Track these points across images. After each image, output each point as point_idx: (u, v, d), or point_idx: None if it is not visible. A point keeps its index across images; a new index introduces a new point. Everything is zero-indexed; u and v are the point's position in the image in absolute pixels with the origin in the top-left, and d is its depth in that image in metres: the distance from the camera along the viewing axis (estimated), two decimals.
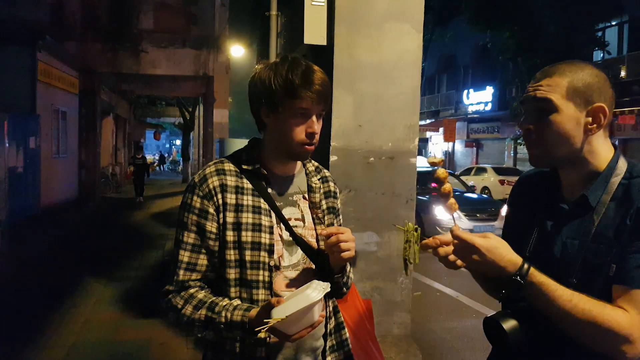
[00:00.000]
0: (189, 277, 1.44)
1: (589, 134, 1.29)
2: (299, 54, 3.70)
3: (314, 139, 1.45)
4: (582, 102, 1.27)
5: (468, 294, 6.58)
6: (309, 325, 1.28)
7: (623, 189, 1.27)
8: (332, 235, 1.41)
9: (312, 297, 1.24)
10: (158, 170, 35.04)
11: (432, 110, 32.18)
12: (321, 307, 1.30)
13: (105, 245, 9.14)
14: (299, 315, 1.23)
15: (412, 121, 3.47)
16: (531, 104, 1.31)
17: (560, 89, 1.27)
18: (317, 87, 1.40)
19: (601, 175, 1.31)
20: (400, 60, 3.41)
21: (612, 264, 1.22)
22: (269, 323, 1.22)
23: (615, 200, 1.27)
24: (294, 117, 1.42)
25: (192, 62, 15.11)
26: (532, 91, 1.31)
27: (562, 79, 1.27)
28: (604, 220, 1.26)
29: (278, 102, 1.42)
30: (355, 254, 3.51)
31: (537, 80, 1.32)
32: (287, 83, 1.39)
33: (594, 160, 1.32)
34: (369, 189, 3.42)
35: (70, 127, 14.33)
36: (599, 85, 1.29)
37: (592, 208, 1.29)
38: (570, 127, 1.27)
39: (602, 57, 19.97)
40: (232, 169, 1.49)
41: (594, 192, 1.30)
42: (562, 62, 1.33)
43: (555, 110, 1.27)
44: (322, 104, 1.44)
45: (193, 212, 1.44)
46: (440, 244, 1.32)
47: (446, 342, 5.03)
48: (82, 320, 5.24)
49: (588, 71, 1.29)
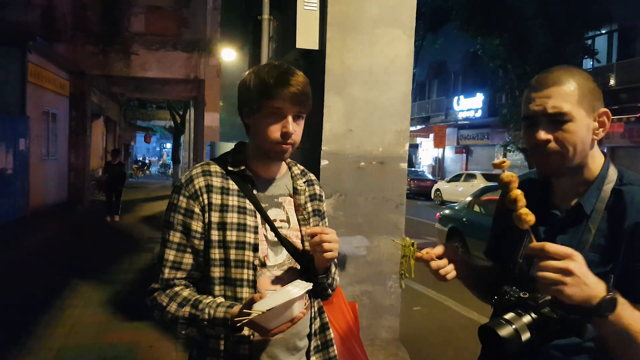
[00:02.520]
0: (174, 276, 1.47)
1: (595, 139, 1.31)
2: (290, 58, 3.72)
3: (289, 138, 1.48)
4: (589, 108, 1.28)
5: (455, 298, 6.61)
6: (288, 321, 1.31)
7: (615, 196, 1.29)
8: (316, 234, 1.44)
9: (292, 293, 1.28)
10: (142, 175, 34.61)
11: (423, 117, 32.36)
12: (302, 304, 1.33)
13: (94, 248, 9.08)
14: (279, 309, 1.26)
15: (402, 126, 3.49)
16: (543, 115, 1.29)
17: (572, 98, 1.26)
18: (292, 87, 1.44)
19: (595, 183, 1.32)
20: (391, 65, 3.43)
21: (610, 275, 1.21)
22: (250, 315, 1.25)
23: (609, 209, 1.28)
24: (269, 117, 1.47)
25: (183, 65, 15.07)
26: (542, 102, 1.28)
27: (569, 87, 1.27)
28: (600, 229, 1.27)
29: (254, 102, 1.48)
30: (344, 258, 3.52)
31: (540, 89, 1.30)
32: (262, 83, 1.45)
33: (592, 166, 1.34)
34: (359, 193, 3.44)
35: (60, 129, 14.25)
36: (597, 90, 1.31)
37: (587, 216, 1.30)
38: (584, 133, 1.28)
39: (591, 65, 20.20)
40: (218, 171, 1.53)
41: (588, 200, 1.31)
42: (557, 69, 1.32)
43: (570, 119, 1.26)
44: (298, 106, 1.47)
45: (179, 212, 1.48)
46: (433, 258, 1.36)
47: (434, 346, 5.05)
48: (70, 323, 5.20)
49: (585, 76, 1.31)
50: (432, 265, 1.37)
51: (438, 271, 1.37)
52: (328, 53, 3.34)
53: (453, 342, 5.14)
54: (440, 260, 1.39)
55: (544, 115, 1.29)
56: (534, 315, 1.21)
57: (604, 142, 19.99)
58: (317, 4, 3.39)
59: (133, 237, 10.52)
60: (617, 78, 19.07)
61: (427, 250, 1.39)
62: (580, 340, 1.26)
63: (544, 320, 1.20)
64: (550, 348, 1.26)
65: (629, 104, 18.49)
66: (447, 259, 1.42)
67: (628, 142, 19.66)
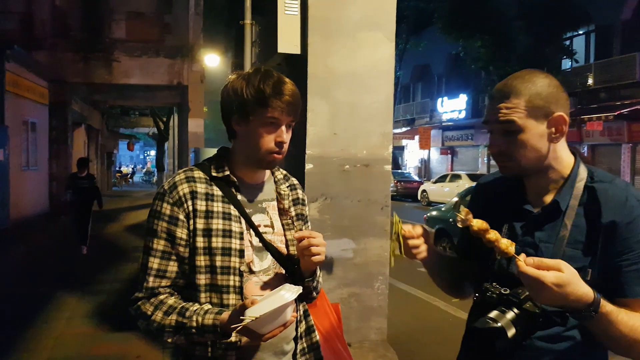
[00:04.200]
0: (159, 284, 1.45)
1: (553, 142, 1.35)
2: (273, 62, 3.72)
3: (283, 148, 1.49)
4: (542, 116, 1.32)
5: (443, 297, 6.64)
6: (281, 325, 1.31)
7: (589, 193, 1.34)
8: (304, 238, 1.44)
9: (286, 297, 1.28)
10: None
11: (408, 119, 32.56)
12: (293, 308, 1.34)
13: (79, 259, 8.96)
14: (272, 314, 1.26)
15: (386, 129, 3.51)
16: (495, 125, 1.36)
17: (519, 110, 1.31)
18: (288, 97, 1.44)
19: (568, 181, 1.37)
20: (374, 68, 3.45)
21: (588, 269, 1.28)
22: (244, 321, 1.25)
23: (583, 205, 1.33)
24: (264, 126, 1.46)
25: (166, 71, 14.98)
26: (494, 114, 1.35)
27: (519, 100, 1.31)
28: (576, 225, 1.32)
29: (249, 111, 1.45)
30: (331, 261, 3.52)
31: (494, 101, 1.36)
32: (259, 92, 1.43)
33: (558, 166, 1.38)
34: (345, 196, 3.45)
35: (40, 138, 14.07)
36: (554, 94, 1.33)
37: (562, 212, 1.34)
38: (535, 141, 1.33)
39: (570, 66, 20.51)
40: (201, 177, 1.51)
41: (563, 197, 1.35)
42: (514, 78, 1.36)
43: (519, 130, 1.32)
44: (291, 115, 1.48)
45: (163, 219, 1.46)
46: (414, 236, 1.46)
47: (423, 345, 5.07)
48: (55, 335, 5.12)
49: (541, 83, 1.33)
50: (410, 242, 1.45)
51: (412, 249, 1.45)
52: (310, 57, 3.34)
53: (442, 341, 5.16)
54: (417, 240, 1.47)
55: (495, 124, 1.37)
56: (517, 310, 1.26)
57: (584, 140, 20.31)
58: (298, 9, 3.40)
59: (118, 247, 10.41)
60: (596, 77, 19.38)
61: (410, 229, 1.46)
62: (562, 329, 1.33)
63: (527, 315, 1.26)
64: (534, 339, 1.32)
65: (608, 102, 18.79)
66: (422, 241, 1.49)
67: (607, 139, 19.96)
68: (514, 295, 1.27)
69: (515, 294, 1.27)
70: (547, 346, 1.33)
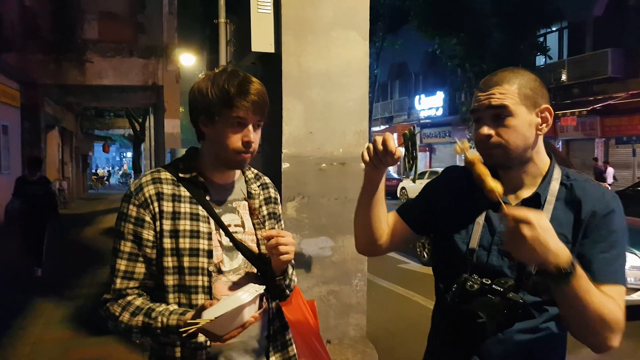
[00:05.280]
0: (127, 285, 1.46)
1: (538, 134, 1.40)
2: (247, 61, 3.71)
3: (250, 147, 1.48)
4: (531, 105, 1.37)
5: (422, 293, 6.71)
6: (239, 326, 1.31)
7: (566, 190, 1.39)
8: (272, 237, 1.45)
9: (241, 299, 1.27)
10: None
11: (386, 117, 32.76)
12: (254, 309, 1.33)
13: (54, 264, 8.81)
14: (228, 316, 1.26)
15: (361, 127, 3.53)
16: (485, 112, 1.39)
17: (512, 95, 1.36)
18: (253, 97, 1.44)
19: (546, 177, 1.42)
20: (348, 67, 3.47)
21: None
22: (198, 324, 1.25)
23: (561, 200, 1.38)
24: (230, 126, 1.45)
25: (140, 71, 14.78)
26: (485, 99, 1.38)
27: (511, 86, 1.36)
28: (555, 218, 1.35)
29: (214, 112, 1.45)
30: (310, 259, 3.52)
31: (485, 90, 1.39)
32: (223, 93, 1.43)
33: (539, 162, 1.43)
34: (322, 195, 3.46)
35: (12, 142, 13.75)
36: (540, 88, 1.40)
37: (541, 206, 1.38)
38: (524, 128, 1.37)
39: (544, 62, 20.85)
40: (168, 178, 1.51)
41: (543, 191, 1.40)
42: (502, 71, 1.42)
43: (510, 114, 1.36)
44: (258, 114, 1.47)
45: (129, 221, 1.46)
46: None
47: (402, 341, 5.11)
48: (32, 341, 5.04)
49: (528, 76, 1.40)
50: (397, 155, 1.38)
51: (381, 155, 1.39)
52: (284, 56, 3.34)
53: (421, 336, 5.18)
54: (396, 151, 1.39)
55: (487, 109, 1.39)
56: (500, 300, 1.28)
57: (559, 135, 20.68)
58: (271, 7, 3.39)
59: (94, 251, 10.26)
60: (569, 73, 19.75)
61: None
62: (540, 321, 1.37)
63: (509, 305, 1.28)
64: (511, 330, 1.34)
65: (581, 98, 19.17)
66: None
67: (581, 134, 20.39)
68: (497, 284, 1.29)
69: (498, 283, 1.29)
70: (523, 337, 1.36)
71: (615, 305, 1.27)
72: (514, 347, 1.36)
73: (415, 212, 1.62)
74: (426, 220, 1.58)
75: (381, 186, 1.52)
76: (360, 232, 1.63)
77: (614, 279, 1.31)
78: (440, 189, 1.58)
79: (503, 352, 1.37)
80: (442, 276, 1.54)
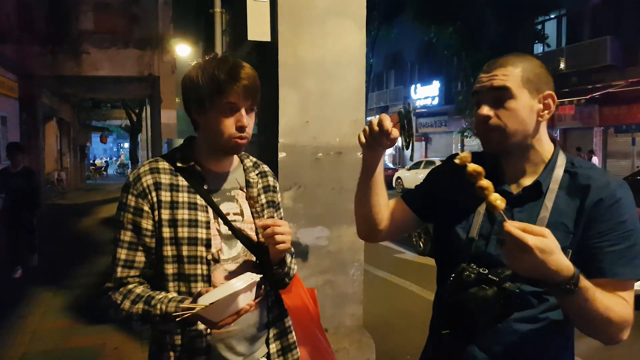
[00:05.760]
0: (127, 274, 1.47)
1: (540, 120, 1.37)
2: (243, 51, 3.70)
3: (244, 131, 1.48)
4: (534, 90, 1.34)
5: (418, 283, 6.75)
6: (234, 313, 1.32)
7: (570, 177, 1.35)
8: (269, 226, 1.45)
9: (235, 286, 1.29)
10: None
11: (382, 106, 32.66)
12: (249, 296, 1.34)
13: (53, 254, 8.83)
14: (222, 303, 1.27)
15: (358, 116, 3.53)
16: (487, 93, 1.36)
17: (515, 78, 1.33)
18: (244, 81, 1.43)
19: (549, 165, 1.38)
20: (344, 56, 3.46)
21: (568, 250, 1.28)
22: (194, 309, 1.27)
23: (564, 189, 1.35)
24: (222, 113, 1.45)
25: (136, 62, 14.71)
26: (487, 81, 1.35)
27: (515, 69, 1.34)
28: (557, 207, 1.33)
29: (205, 99, 1.45)
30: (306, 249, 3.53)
31: (488, 71, 1.37)
32: (213, 80, 1.43)
33: (540, 149, 1.40)
34: (318, 184, 3.46)
35: (11, 133, 13.71)
36: (545, 74, 1.37)
37: (543, 194, 1.35)
38: (526, 113, 1.34)
39: (542, 50, 20.78)
40: (166, 167, 1.52)
41: (544, 179, 1.36)
42: (508, 55, 1.39)
43: (512, 97, 1.33)
44: (249, 99, 1.47)
45: (128, 211, 1.47)
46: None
47: (399, 330, 5.15)
48: (31, 330, 5.06)
49: (534, 62, 1.37)
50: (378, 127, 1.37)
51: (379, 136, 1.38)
52: (280, 45, 3.33)
53: (417, 325, 5.24)
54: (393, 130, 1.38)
55: (488, 91, 1.36)
56: (497, 290, 1.25)
57: (557, 124, 20.68)
58: None
59: (93, 240, 10.28)
60: (567, 62, 19.71)
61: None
62: (538, 311, 1.34)
63: (506, 295, 1.25)
64: (510, 320, 1.31)
65: (579, 86, 19.13)
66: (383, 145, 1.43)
67: (579, 123, 20.37)
68: (494, 274, 1.27)
69: (495, 273, 1.27)
70: (523, 327, 1.34)
71: (623, 304, 1.25)
72: (513, 337, 1.34)
73: (420, 198, 1.62)
74: (429, 206, 1.57)
75: (379, 170, 1.52)
76: (361, 217, 1.63)
77: (625, 274, 1.28)
78: (443, 177, 1.57)
79: (502, 341, 1.35)
80: (442, 265, 1.54)
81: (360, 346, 3.51)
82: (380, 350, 3.70)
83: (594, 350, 4.14)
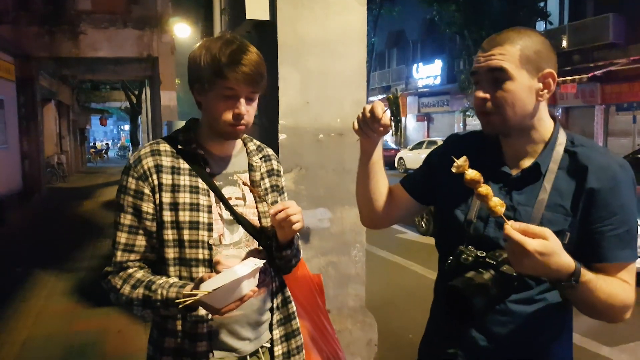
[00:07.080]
0: (127, 258, 1.45)
1: (539, 100, 1.33)
2: (242, 30, 3.63)
3: (241, 119, 1.43)
4: (534, 69, 1.29)
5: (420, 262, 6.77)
6: (237, 300, 1.29)
7: (569, 157, 1.32)
8: (280, 211, 1.41)
9: (238, 272, 1.26)
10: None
11: (384, 86, 32.46)
12: (252, 282, 1.31)
13: (55, 237, 8.86)
14: (225, 289, 1.25)
15: (359, 96, 3.47)
16: (484, 74, 1.32)
17: (512, 57, 1.28)
18: (245, 67, 1.37)
19: (548, 145, 1.35)
20: (344, 34, 3.39)
21: (567, 233, 1.28)
22: (196, 296, 1.25)
23: (564, 169, 1.32)
24: (221, 97, 1.41)
25: (135, 43, 14.55)
26: (484, 61, 1.31)
27: (513, 47, 1.28)
28: (556, 188, 1.30)
29: (205, 81, 1.41)
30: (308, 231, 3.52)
31: (486, 50, 1.32)
32: (215, 61, 1.38)
33: (541, 128, 1.36)
34: (319, 166, 3.43)
35: (8, 116, 13.64)
36: (546, 51, 1.31)
37: (542, 175, 1.32)
38: (524, 94, 1.29)
39: (544, 28, 20.56)
40: (168, 150, 1.48)
41: (543, 160, 1.33)
42: (508, 30, 1.34)
43: (509, 78, 1.28)
44: (250, 86, 1.41)
45: (129, 194, 1.44)
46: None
47: (401, 310, 5.17)
48: (34, 314, 5.09)
49: (535, 38, 1.31)
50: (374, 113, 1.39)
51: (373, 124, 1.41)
52: (280, 24, 3.26)
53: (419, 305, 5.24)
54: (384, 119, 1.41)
55: (485, 72, 1.32)
56: (494, 273, 1.25)
57: (558, 102, 20.55)
58: None
59: (95, 223, 10.30)
60: (569, 39, 19.51)
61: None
62: (536, 292, 1.34)
63: (504, 278, 1.24)
64: (507, 302, 1.33)
65: (581, 64, 18.97)
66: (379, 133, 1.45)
67: (581, 102, 20.24)
68: (491, 257, 1.26)
69: (492, 256, 1.26)
70: (520, 308, 1.34)
71: (625, 287, 1.26)
72: (510, 319, 1.34)
73: (418, 182, 1.60)
74: (429, 190, 1.55)
75: (377, 157, 1.50)
76: (363, 204, 1.62)
77: (626, 257, 1.28)
78: (442, 159, 1.53)
79: (499, 323, 1.35)
80: (442, 247, 1.53)
81: (363, 326, 3.51)
82: (382, 329, 3.71)
83: (595, 327, 4.15)
